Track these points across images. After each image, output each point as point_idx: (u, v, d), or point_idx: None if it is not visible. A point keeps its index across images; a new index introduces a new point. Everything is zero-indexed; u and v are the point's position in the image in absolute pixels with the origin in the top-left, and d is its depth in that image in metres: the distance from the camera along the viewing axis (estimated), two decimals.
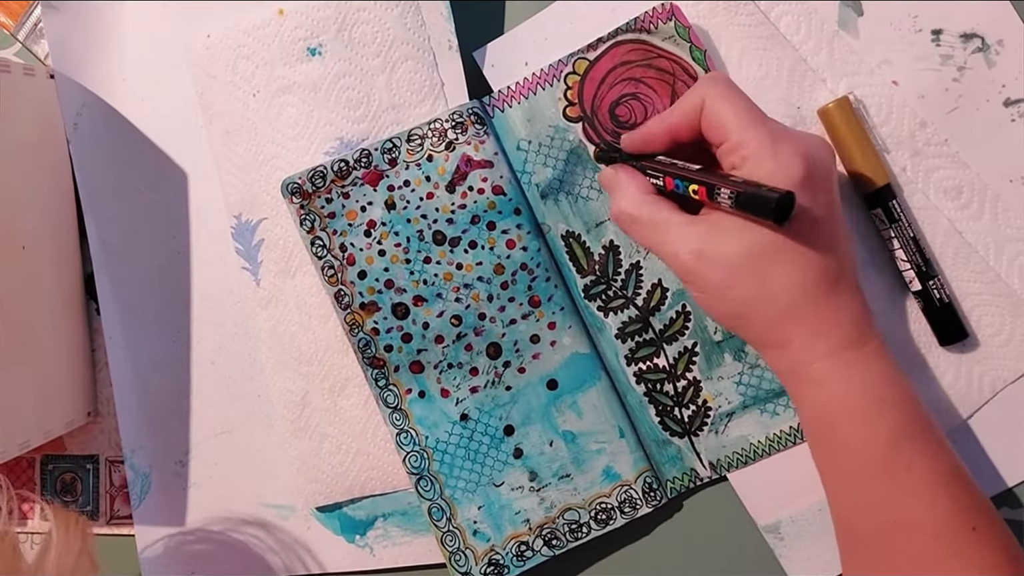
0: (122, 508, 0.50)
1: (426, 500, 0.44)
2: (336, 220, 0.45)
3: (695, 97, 0.37)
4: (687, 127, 0.38)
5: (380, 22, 0.45)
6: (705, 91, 0.37)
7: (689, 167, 0.38)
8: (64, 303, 0.48)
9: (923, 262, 0.41)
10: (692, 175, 0.37)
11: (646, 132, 0.40)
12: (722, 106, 0.36)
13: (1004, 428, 0.43)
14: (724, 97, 0.37)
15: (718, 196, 0.35)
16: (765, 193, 0.33)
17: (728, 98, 0.37)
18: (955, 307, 0.42)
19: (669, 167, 0.38)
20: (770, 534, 0.44)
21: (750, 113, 0.36)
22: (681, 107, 0.38)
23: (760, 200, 0.33)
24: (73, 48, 0.48)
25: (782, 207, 0.33)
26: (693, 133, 0.38)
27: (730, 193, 0.35)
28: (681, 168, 0.38)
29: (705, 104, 0.37)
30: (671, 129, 0.39)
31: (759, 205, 0.34)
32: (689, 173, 0.37)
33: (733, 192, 0.34)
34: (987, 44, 0.43)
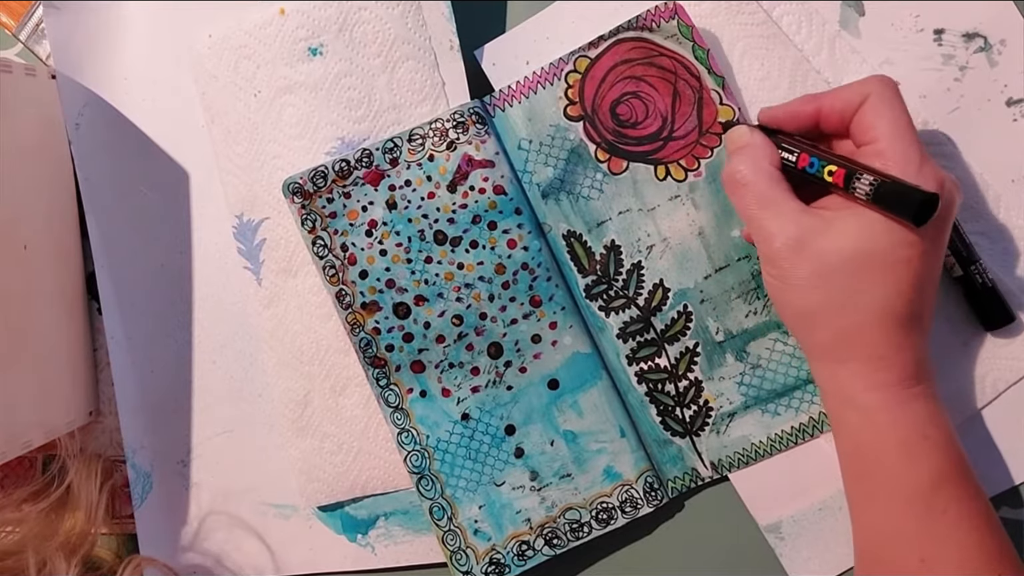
0: (123, 508, 0.50)
1: (427, 499, 0.44)
2: (337, 220, 0.45)
3: (860, 91, 0.37)
4: (837, 116, 0.37)
5: (381, 22, 0.45)
6: (873, 88, 0.36)
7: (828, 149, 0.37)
8: (65, 302, 0.48)
9: (964, 247, 0.41)
10: (832, 156, 0.36)
11: (792, 108, 0.39)
12: (886, 109, 0.36)
13: (1006, 428, 0.43)
14: (890, 102, 0.36)
15: (857, 182, 0.35)
16: (911, 188, 0.33)
17: (893, 104, 0.36)
18: (999, 291, 0.42)
19: (808, 144, 0.38)
20: (771, 534, 0.44)
21: (908, 128, 0.36)
22: (840, 95, 0.37)
23: (905, 194, 0.33)
24: (75, 48, 0.48)
25: (926, 206, 0.33)
26: (839, 124, 0.38)
27: (872, 180, 0.34)
28: (821, 148, 0.37)
29: (869, 101, 0.36)
30: (820, 112, 0.38)
31: (902, 199, 0.33)
32: (830, 154, 0.36)
33: (876, 179, 0.34)
34: (989, 44, 0.42)
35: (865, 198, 0.34)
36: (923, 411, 0.36)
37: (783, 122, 0.39)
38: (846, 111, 0.37)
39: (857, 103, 0.37)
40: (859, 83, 0.37)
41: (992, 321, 0.42)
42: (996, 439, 0.43)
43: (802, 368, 0.43)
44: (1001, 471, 0.43)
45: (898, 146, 0.35)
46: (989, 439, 0.43)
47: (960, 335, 0.43)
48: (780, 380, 0.43)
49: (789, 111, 0.39)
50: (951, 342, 0.43)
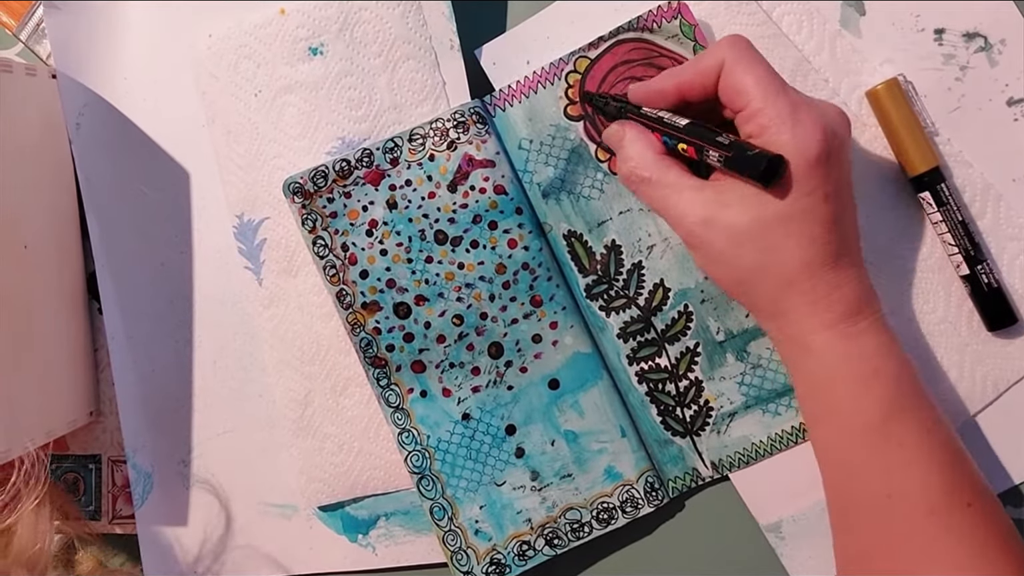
0: (124, 508, 0.50)
1: (428, 499, 0.44)
2: (338, 220, 0.45)
3: (713, 58, 0.37)
4: (700, 87, 0.37)
5: (382, 21, 0.45)
6: (726, 53, 0.36)
7: (677, 121, 0.37)
8: (66, 302, 0.48)
9: (971, 246, 0.41)
10: (680, 132, 0.37)
11: (655, 86, 0.39)
12: (744, 71, 0.36)
13: (1006, 428, 0.43)
14: (747, 61, 0.36)
15: (707, 157, 0.35)
16: (754, 156, 0.34)
17: (751, 63, 0.36)
18: (1005, 292, 0.42)
19: (656, 121, 0.38)
20: (772, 533, 0.44)
21: (772, 81, 0.36)
22: (697, 66, 0.37)
23: (749, 161, 0.34)
24: (75, 48, 0.48)
25: (771, 170, 0.34)
26: (705, 93, 0.38)
27: (719, 156, 0.35)
28: (668, 123, 0.38)
29: (725, 67, 0.36)
30: (682, 86, 0.38)
31: (748, 167, 0.34)
32: (677, 130, 0.37)
33: (722, 155, 0.35)
34: (990, 43, 0.42)
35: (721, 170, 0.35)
36: (871, 344, 0.36)
37: (649, 100, 0.39)
38: (706, 81, 0.37)
39: (714, 70, 0.37)
40: (710, 50, 0.37)
41: (996, 322, 0.42)
42: (997, 439, 0.43)
43: None
44: (1001, 471, 0.43)
45: (768, 104, 0.35)
46: (989, 439, 0.43)
47: (960, 335, 0.43)
48: (781, 380, 0.43)
49: (654, 90, 0.39)
50: (952, 342, 0.43)
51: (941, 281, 0.43)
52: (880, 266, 0.43)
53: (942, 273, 0.43)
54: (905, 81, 0.42)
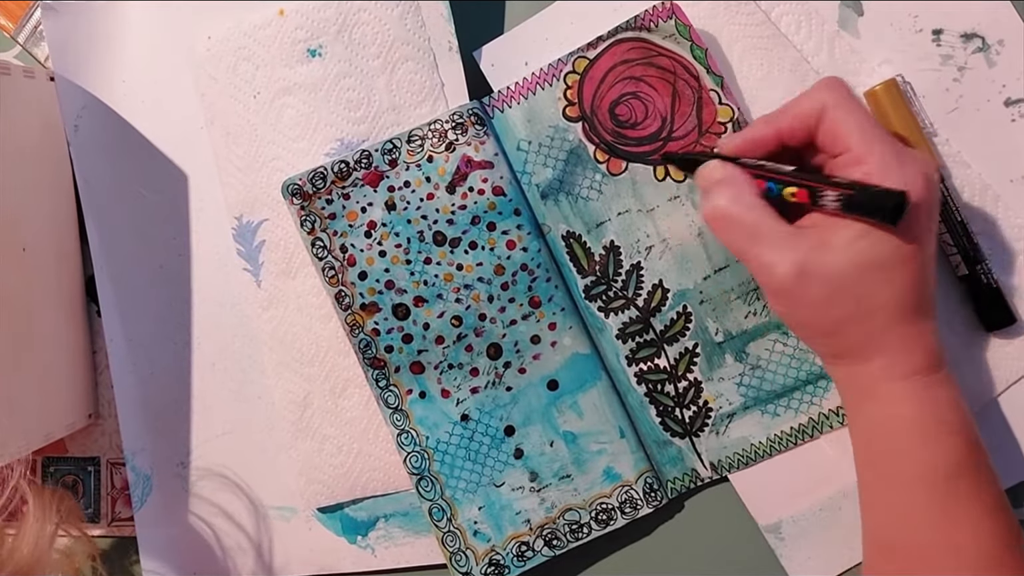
0: (123, 510, 0.50)
1: (427, 500, 0.44)
2: (336, 221, 0.45)
3: (813, 102, 0.36)
4: (801, 132, 0.37)
5: (380, 23, 0.45)
6: (826, 98, 0.36)
7: (781, 167, 0.37)
8: (65, 305, 0.48)
9: (970, 247, 0.41)
10: (790, 177, 0.36)
11: (751, 135, 0.38)
12: (846, 116, 0.36)
13: (1005, 428, 0.43)
14: (847, 107, 0.36)
15: (821, 199, 0.35)
16: (880, 192, 0.33)
17: (851, 108, 0.36)
18: (1003, 292, 0.42)
19: (759, 168, 0.37)
20: (771, 534, 0.44)
21: (874, 127, 0.36)
22: (796, 111, 0.37)
23: (876, 199, 0.33)
24: (73, 50, 0.48)
25: (899, 207, 0.33)
26: (805, 138, 0.37)
27: (838, 195, 0.34)
28: (772, 169, 0.37)
29: (827, 112, 0.36)
30: (782, 132, 0.37)
31: (875, 204, 0.33)
32: (785, 175, 0.36)
33: (842, 195, 0.34)
34: (987, 44, 0.42)
35: (838, 211, 0.35)
36: (944, 397, 0.36)
37: (746, 151, 0.39)
38: (806, 126, 0.37)
39: (816, 116, 0.36)
40: (810, 94, 0.37)
41: (995, 322, 0.42)
42: (995, 439, 0.43)
43: (801, 369, 0.43)
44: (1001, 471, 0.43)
45: (873, 149, 0.35)
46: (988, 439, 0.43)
47: (959, 335, 0.43)
48: (780, 381, 0.43)
49: (750, 139, 0.38)
50: (950, 343, 0.43)
51: (939, 281, 0.43)
52: None
53: (940, 273, 0.43)
54: (903, 82, 0.42)
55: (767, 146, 0.38)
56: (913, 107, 0.42)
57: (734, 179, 0.37)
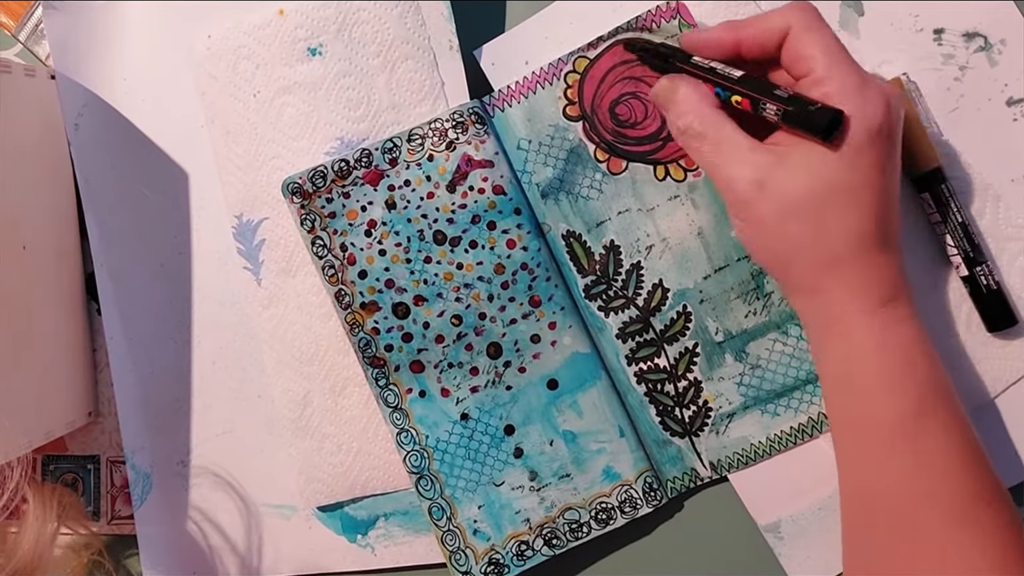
0: (123, 508, 0.50)
1: (426, 499, 0.44)
2: (336, 220, 0.45)
3: (779, 20, 0.36)
4: (760, 45, 0.37)
5: (380, 22, 0.44)
6: (793, 17, 0.36)
7: (731, 72, 0.36)
8: (65, 303, 0.48)
9: (971, 248, 0.41)
10: (736, 84, 0.36)
11: (712, 36, 0.38)
12: (812, 37, 0.35)
13: (1003, 429, 0.43)
14: (814, 28, 0.35)
15: (763, 109, 0.34)
16: (816, 109, 0.33)
17: (820, 30, 0.35)
18: (1004, 293, 0.42)
19: (708, 72, 0.37)
20: (770, 534, 0.44)
21: (840, 51, 0.35)
22: (760, 24, 0.37)
23: (810, 115, 0.33)
24: (74, 49, 0.48)
25: (832, 124, 0.33)
26: (763, 52, 0.37)
27: (776, 109, 0.34)
28: (722, 74, 0.36)
29: (792, 31, 0.36)
30: (743, 40, 0.37)
31: (809, 120, 0.33)
32: (732, 82, 0.36)
33: (780, 108, 0.34)
34: (989, 43, 0.42)
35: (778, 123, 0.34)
36: (907, 334, 0.36)
37: (703, 49, 0.38)
38: (767, 42, 0.36)
39: (777, 32, 0.36)
40: (778, 12, 0.36)
41: (996, 323, 0.42)
42: (994, 439, 0.43)
43: (801, 368, 0.43)
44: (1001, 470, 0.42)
45: (835, 72, 0.34)
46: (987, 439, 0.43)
47: (958, 335, 0.43)
48: (779, 380, 0.43)
49: (710, 39, 0.38)
50: (949, 343, 0.43)
51: (939, 281, 0.43)
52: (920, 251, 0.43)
53: (940, 273, 0.43)
54: (909, 80, 0.42)
55: (724, 51, 0.38)
56: (917, 106, 0.42)
57: (689, 93, 0.37)
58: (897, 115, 0.35)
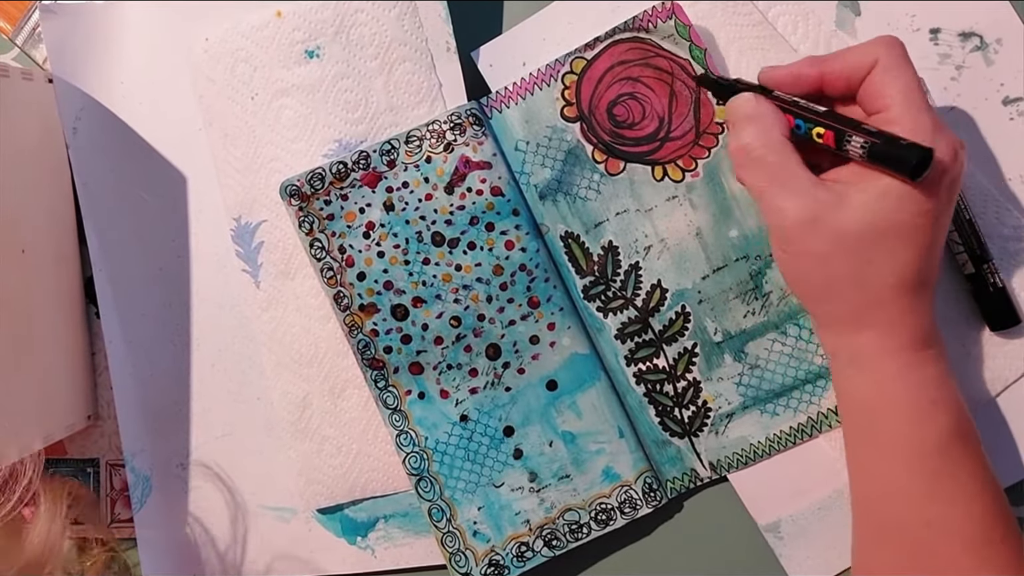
0: (123, 511, 0.50)
1: (426, 501, 0.44)
2: (335, 222, 0.45)
3: (866, 56, 0.36)
4: (844, 81, 0.36)
5: (378, 24, 0.45)
6: (880, 53, 0.35)
7: (814, 107, 0.36)
8: (64, 307, 0.48)
9: (978, 245, 0.41)
10: (820, 117, 0.35)
11: (795, 70, 0.38)
12: (895, 77, 0.35)
13: (1004, 427, 0.43)
14: (898, 67, 0.35)
15: (848, 144, 0.34)
16: (907, 145, 0.32)
17: (903, 70, 0.35)
18: (1009, 292, 0.42)
19: (791, 104, 0.37)
20: (770, 534, 0.44)
21: (918, 94, 0.35)
22: (847, 59, 0.36)
23: (900, 151, 0.33)
24: (71, 52, 0.48)
25: (923, 162, 0.32)
26: (845, 89, 0.37)
27: (864, 142, 0.33)
28: (805, 107, 0.36)
29: (877, 67, 0.35)
30: (826, 75, 0.37)
31: (897, 157, 0.33)
32: (816, 115, 0.36)
33: (868, 141, 0.33)
34: (985, 43, 0.42)
35: (861, 159, 0.34)
36: (933, 374, 0.36)
37: (784, 84, 0.38)
38: (852, 77, 0.36)
39: (865, 69, 0.36)
40: (865, 46, 0.36)
41: (999, 322, 0.42)
42: (995, 438, 0.43)
43: (800, 368, 0.43)
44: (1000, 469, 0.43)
45: (909, 116, 0.34)
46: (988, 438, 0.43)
47: (959, 334, 0.43)
48: (779, 380, 0.43)
49: (792, 73, 0.38)
50: (949, 342, 0.43)
51: (941, 279, 0.43)
52: None
53: (945, 271, 0.43)
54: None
55: (807, 86, 0.38)
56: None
57: (763, 115, 0.37)
58: (960, 168, 0.35)
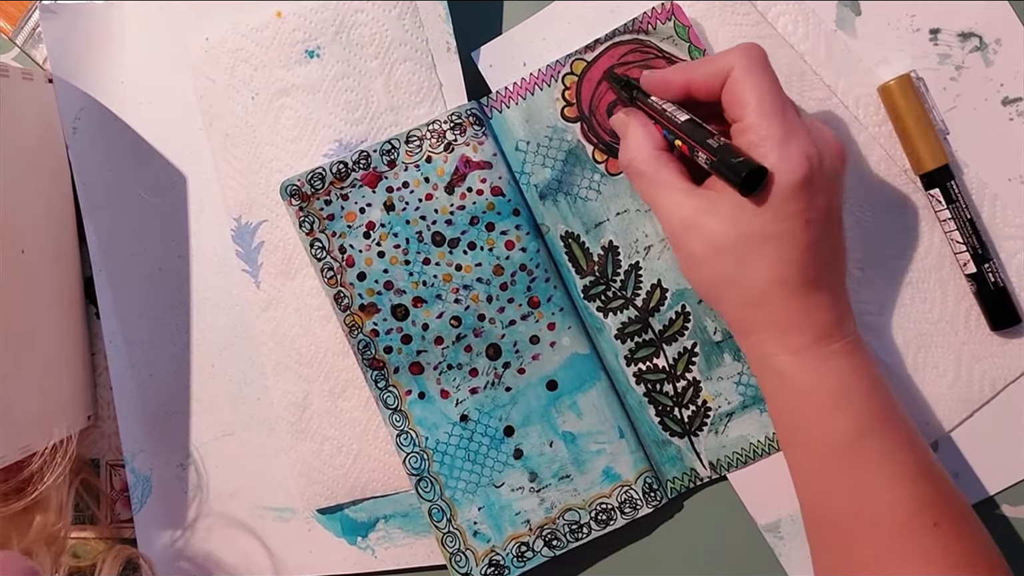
0: (123, 512, 0.49)
1: (426, 501, 0.44)
2: (335, 222, 0.45)
3: (724, 62, 0.36)
4: (705, 88, 0.37)
5: (378, 23, 0.45)
6: (736, 61, 0.36)
7: (677, 116, 0.37)
8: (63, 307, 0.48)
9: (979, 244, 0.41)
10: (677, 129, 0.37)
11: (665, 77, 0.39)
12: (747, 83, 0.36)
13: (1004, 427, 0.43)
14: (755, 74, 0.36)
15: (696, 157, 0.36)
16: (736, 163, 0.34)
17: (758, 77, 0.36)
18: (1009, 292, 0.42)
19: (659, 113, 0.38)
20: (770, 533, 0.44)
21: (774, 100, 0.35)
22: (707, 67, 0.37)
23: (732, 167, 0.34)
24: (71, 52, 0.48)
25: (750, 180, 0.34)
26: (710, 95, 0.37)
27: (706, 159, 0.35)
28: (669, 117, 0.38)
29: (732, 74, 0.36)
30: (690, 83, 0.38)
31: (730, 172, 0.34)
32: (675, 126, 0.37)
33: (708, 158, 0.35)
34: (985, 43, 0.43)
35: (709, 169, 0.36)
36: (841, 366, 0.37)
37: (656, 90, 0.39)
38: (712, 84, 0.37)
39: (722, 76, 0.36)
40: (724, 54, 0.37)
41: (1000, 321, 0.42)
42: (995, 437, 0.43)
43: None
44: (1000, 469, 0.43)
45: (762, 122, 0.35)
46: (987, 437, 0.43)
47: (958, 333, 0.43)
48: None
49: (662, 79, 0.39)
50: (949, 340, 0.43)
51: (939, 279, 0.43)
52: (878, 265, 0.43)
53: (940, 271, 0.43)
54: (917, 78, 0.42)
55: (677, 92, 0.38)
56: (926, 103, 0.42)
57: (635, 132, 0.39)
58: (821, 167, 0.35)
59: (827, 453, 0.37)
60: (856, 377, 0.37)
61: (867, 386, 0.37)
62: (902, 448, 0.36)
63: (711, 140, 0.35)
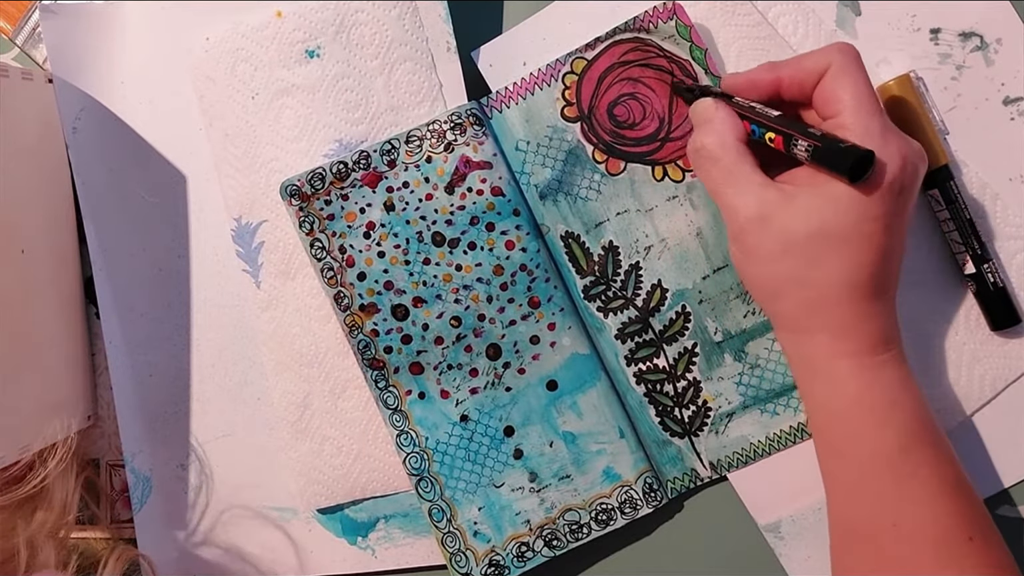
0: (123, 512, 0.49)
1: (426, 501, 0.44)
2: (335, 222, 0.45)
3: (820, 61, 0.36)
4: (798, 85, 0.37)
5: (378, 23, 0.45)
6: (833, 58, 0.36)
7: (768, 112, 0.37)
8: (63, 307, 0.48)
9: (979, 245, 0.41)
10: (771, 122, 0.36)
11: (751, 77, 0.39)
12: (846, 82, 0.35)
13: (1005, 426, 0.43)
14: (849, 72, 0.36)
15: (795, 147, 0.35)
16: (845, 148, 0.33)
17: (853, 75, 0.36)
18: (1009, 291, 0.42)
19: (747, 110, 0.38)
20: (771, 533, 0.44)
21: (870, 99, 0.35)
22: (800, 65, 0.37)
23: (839, 154, 0.33)
24: (71, 52, 0.48)
25: (860, 165, 0.33)
26: (801, 93, 0.37)
27: (808, 146, 0.34)
28: (760, 112, 0.37)
29: (829, 72, 0.36)
30: (781, 80, 0.38)
31: (838, 159, 0.33)
32: (768, 120, 0.37)
33: (811, 145, 0.34)
34: (986, 43, 0.43)
35: (807, 161, 0.35)
36: (891, 377, 0.37)
37: (743, 90, 0.39)
38: (806, 82, 0.37)
39: (817, 74, 0.36)
40: (819, 52, 0.37)
41: (1000, 321, 0.42)
42: (995, 437, 0.43)
43: None
44: (1000, 469, 0.43)
45: (860, 121, 0.35)
46: (988, 437, 0.43)
47: (959, 333, 0.43)
48: (778, 380, 0.43)
49: (749, 79, 0.39)
50: (950, 340, 0.43)
51: (939, 279, 0.43)
52: None
53: (940, 271, 0.43)
54: (916, 77, 0.42)
55: (765, 91, 0.38)
56: (925, 102, 0.42)
57: (722, 120, 0.38)
58: (914, 172, 0.35)
59: (872, 462, 0.36)
60: (903, 388, 0.37)
61: (913, 399, 0.37)
62: (943, 462, 0.36)
63: (811, 130, 0.35)
